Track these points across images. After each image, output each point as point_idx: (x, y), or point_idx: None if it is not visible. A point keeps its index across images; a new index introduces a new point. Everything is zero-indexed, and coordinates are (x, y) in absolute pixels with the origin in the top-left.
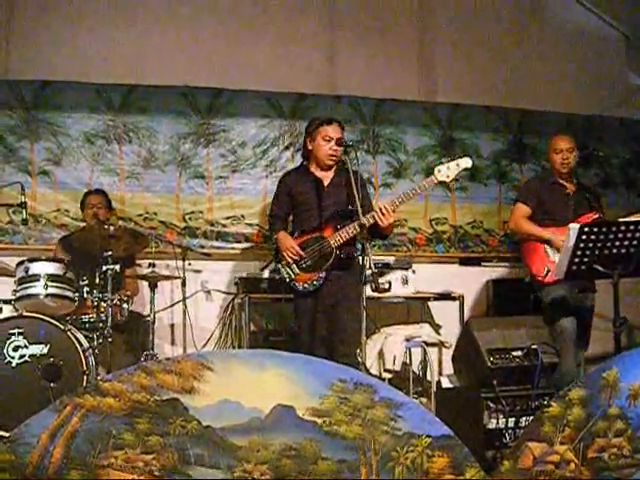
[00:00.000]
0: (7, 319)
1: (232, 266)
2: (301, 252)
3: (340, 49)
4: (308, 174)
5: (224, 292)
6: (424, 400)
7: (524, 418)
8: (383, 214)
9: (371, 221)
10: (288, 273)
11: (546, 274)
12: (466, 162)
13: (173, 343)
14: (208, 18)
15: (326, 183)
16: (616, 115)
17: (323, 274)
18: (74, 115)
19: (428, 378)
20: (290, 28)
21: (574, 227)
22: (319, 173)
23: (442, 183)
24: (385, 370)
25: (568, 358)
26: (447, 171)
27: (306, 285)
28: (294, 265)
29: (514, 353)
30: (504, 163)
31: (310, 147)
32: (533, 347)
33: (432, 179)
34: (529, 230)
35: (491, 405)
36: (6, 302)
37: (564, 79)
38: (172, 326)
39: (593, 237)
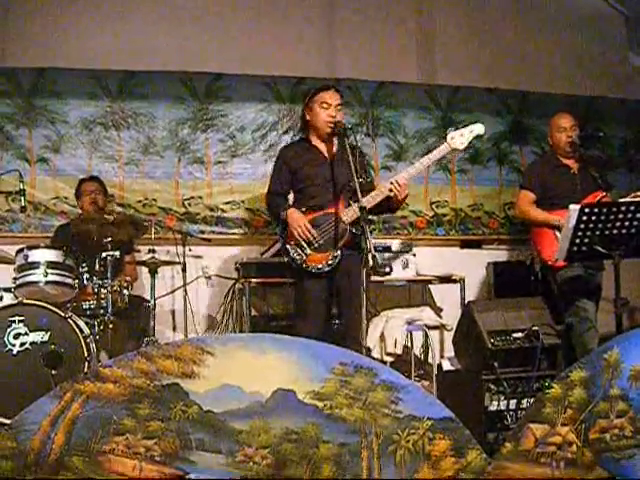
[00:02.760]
0: (7, 307)
1: (232, 251)
2: (313, 231)
3: (339, 32)
4: (309, 147)
5: (225, 277)
6: (426, 383)
7: (525, 400)
8: (400, 186)
9: (373, 202)
10: (299, 254)
11: (557, 258)
12: (479, 128)
13: (174, 329)
14: (205, 3)
15: (328, 156)
16: (617, 96)
17: (337, 253)
18: (72, 102)
19: (429, 361)
20: (288, 11)
21: (574, 208)
22: (320, 145)
23: (455, 151)
24: (386, 353)
25: (592, 338)
26: (460, 138)
27: (320, 266)
28: (305, 245)
29: (515, 335)
30: (504, 145)
31: (308, 117)
32: (534, 329)
33: (446, 146)
34: (536, 217)
35: (492, 387)
36: (6, 290)
37: (565, 60)
38: (173, 312)
39: (594, 218)
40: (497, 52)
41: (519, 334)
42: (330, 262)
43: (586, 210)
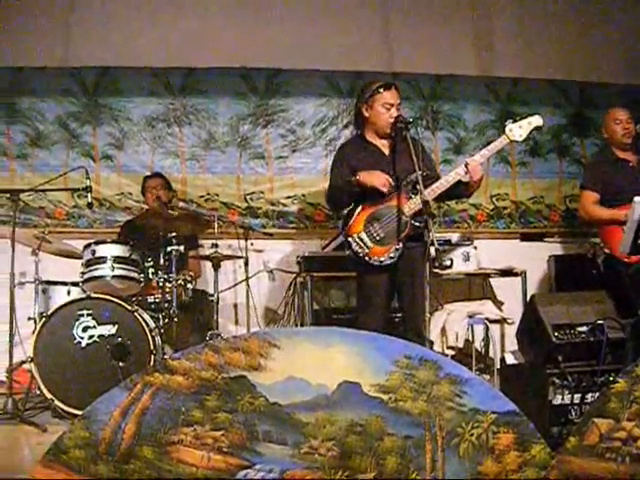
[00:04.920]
0: (76, 300)
1: (294, 245)
2: (391, 182)
3: (396, 26)
4: (367, 144)
5: (286, 271)
6: (486, 377)
7: (590, 394)
8: (474, 168)
9: (433, 195)
10: (361, 247)
11: (621, 251)
12: (537, 120)
13: (237, 322)
14: None
15: (387, 151)
16: None
17: (400, 245)
18: (135, 99)
19: (490, 355)
20: (347, 6)
21: (638, 200)
22: (377, 141)
23: (513, 142)
24: (448, 347)
25: None
26: (519, 130)
27: (382, 259)
28: (366, 238)
29: (579, 329)
30: (565, 137)
31: (366, 114)
32: (599, 322)
33: (504, 139)
34: (602, 216)
35: (556, 381)
36: (74, 284)
37: (626, 50)
38: (235, 306)
39: None
40: (556, 43)
41: (584, 328)
42: (392, 255)
43: None
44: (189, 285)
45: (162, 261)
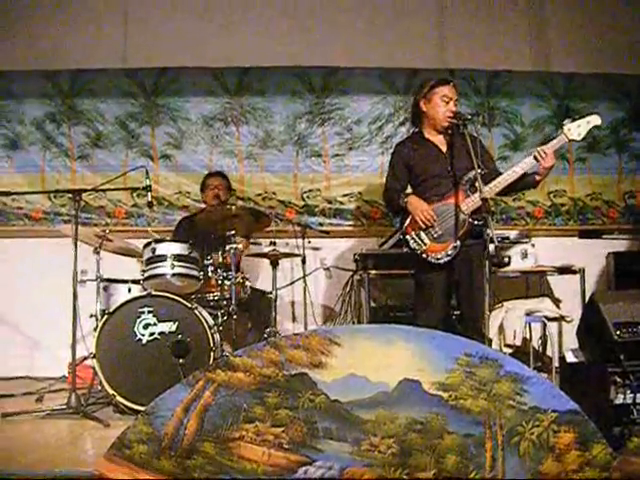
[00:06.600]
0: (137, 298)
1: (351, 243)
2: (435, 216)
3: (452, 22)
4: (424, 141)
5: (343, 269)
6: (544, 375)
7: None
8: (542, 157)
9: (494, 192)
10: (418, 245)
11: None
12: (595, 119)
13: (294, 320)
14: None
15: (444, 148)
16: None
17: (457, 243)
18: (192, 99)
19: (548, 353)
20: (401, 4)
21: None
22: (434, 138)
23: (572, 141)
24: (505, 345)
25: None
26: (578, 129)
27: (439, 256)
28: (424, 236)
29: None
30: (623, 132)
31: (425, 109)
32: None
33: (563, 138)
34: None
35: (618, 380)
36: (135, 282)
37: None
38: (293, 303)
39: None
40: (612, 36)
41: None
42: (450, 252)
43: None
44: (247, 283)
45: (221, 259)
